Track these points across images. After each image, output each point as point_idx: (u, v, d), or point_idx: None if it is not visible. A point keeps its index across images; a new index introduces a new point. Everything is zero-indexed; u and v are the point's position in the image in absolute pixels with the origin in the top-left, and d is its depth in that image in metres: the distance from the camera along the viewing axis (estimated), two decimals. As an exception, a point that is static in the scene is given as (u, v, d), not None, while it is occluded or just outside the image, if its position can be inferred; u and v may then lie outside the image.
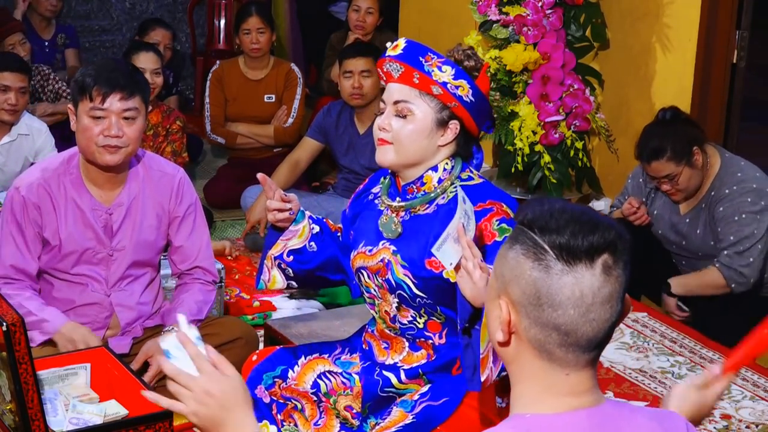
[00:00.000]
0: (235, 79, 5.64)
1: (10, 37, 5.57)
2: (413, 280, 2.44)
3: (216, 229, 5.25)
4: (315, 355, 2.66)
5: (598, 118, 4.64)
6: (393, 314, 2.52)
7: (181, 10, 7.72)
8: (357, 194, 2.69)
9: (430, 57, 2.41)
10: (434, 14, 5.73)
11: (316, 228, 2.68)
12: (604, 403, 1.51)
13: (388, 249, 2.49)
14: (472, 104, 2.43)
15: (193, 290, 3.28)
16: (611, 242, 1.45)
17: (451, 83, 2.40)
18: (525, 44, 4.43)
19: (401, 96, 2.43)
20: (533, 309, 1.45)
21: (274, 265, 2.69)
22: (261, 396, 2.60)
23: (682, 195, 3.97)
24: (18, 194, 3.09)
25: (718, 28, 4.41)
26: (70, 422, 2.66)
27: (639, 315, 4.09)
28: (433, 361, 2.52)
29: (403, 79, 2.43)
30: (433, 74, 2.40)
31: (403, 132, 2.43)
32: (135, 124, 3.04)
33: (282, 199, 2.59)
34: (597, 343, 1.47)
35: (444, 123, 2.44)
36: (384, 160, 2.47)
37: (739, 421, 3.38)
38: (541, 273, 1.44)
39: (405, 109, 2.43)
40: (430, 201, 2.47)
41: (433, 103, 2.42)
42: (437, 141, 2.45)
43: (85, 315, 3.20)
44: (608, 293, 1.45)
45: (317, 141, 5.10)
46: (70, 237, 3.11)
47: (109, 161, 3.04)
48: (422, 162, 2.47)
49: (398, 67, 2.43)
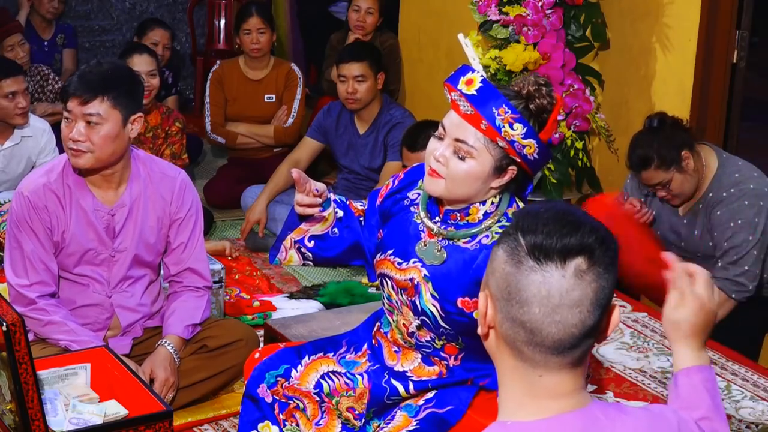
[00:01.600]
0: (236, 79, 5.64)
1: (9, 38, 5.57)
2: (441, 312, 2.39)
3: (216, 229, 5.25)
4: (319, 354, 2.64)
5: (598, 118, 4.63)
6: (412, 331, 2.49)
7: (181, 10, 7.71)
8: (391, 191, 2.58)
9: (504, 111, 2.27)
10: (434, 14, 5.73)
11: (339, 213, 2.60)
12: (589, 405, 1.49)
13: (419, 270, 2.43)
14: (536, 161, 2.34)
15: (183, 297, 3.29)
16: (588, 246, 1.43)
17: (519, 143, 2.29)
18: (525, 44, 4.43)
19: (464, 136, 2.31)
20: (505, 303, 1.45)
21: (293, 247, 2.62)
22: (263, 395, 2.59)
23: (679, 200, 3.96)
24: (24, 199, 3.08)
25: (718, 28, 4.40)
26: (70, 422, 2.66)
27: (639, 315, 4.09)
28: (445, 379, 2.51)
29: (471, 120, 2.30)
30: (503, 131, 2.28)
31: (459, 173, 2.32)
32: (99, 129, 3.00)
33: (314, 195, 2.51)
34: (567, 347, 1.44)
35: (502, 170, 2.35)
36: (433, 190, 2.38)
37: (739, 421, 3.38)
38: (512, 268, 1.44)
39: (466, 152, 2.31)
40: (473, 236, 2.40)
41: (495, 152, 2.31)
42: (491, 184, 2.37)
43: (86, 316, 3.21)
44: (577, 297, 1.42)
45: (317, 141, 5.11)
46: (74, 238, 3.11)
47: (75, 164, 3.05)
48: (472, 199, 2.39)
49: (468, 108, 2.29)
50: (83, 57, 6.97)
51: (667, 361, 3.77)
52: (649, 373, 3.68)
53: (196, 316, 3.27)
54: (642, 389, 3.56)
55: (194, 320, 3.27)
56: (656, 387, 3.58)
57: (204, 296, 3.32)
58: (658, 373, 3.68)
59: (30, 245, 3.07)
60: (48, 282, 3.11)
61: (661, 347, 3.86)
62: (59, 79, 5.77)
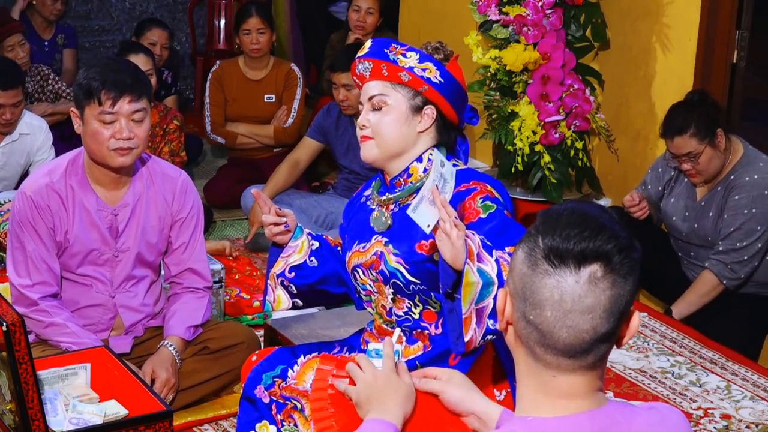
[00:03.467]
0: (235, 79, 5.64)
1: (9, 38, 5.56)
2: (405, 266, 2.48)
3: (216, 229, 5.25)
4: (314, 354, 2.66)
5: (598, 118, 4.63)
6: (389, 307, 2.55)
7: (181, 10, 7.71)
8: (350, 201, 2.74)
9: (393, 47, 2.49)
10: (434, 14, 5.73)
11: (315, 243, 2.73)
12: (606, 405, 1.49)
13: (380, 242, 2.54)
14: (443, 85, 2.48)
15: (184, 299, 3.29)
16: (605, 253, 1.41)
17: (417, 67, 2.47)
18: (525, 44, 4.43)
19: (374, 91, 2.51)
20: (521, 303, 1.46)
21: (277, 284, 2.73)
22: (260, 396, 2.60)
23: (701, 177, 3.97)
24: (27, 199, 3.07)
25: (718, 28, 4.40)
26: (70, 422, 2.66)
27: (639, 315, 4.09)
28: (429, 352, 2.54)
29: (374, 75, 2.51)
30: (398, 61, 2.47)
31: (381, 124, 2.50)
32: (144, 124, 3.04)
33: (277, 213, 2.65)
34: (578, 351, 1.43)
35: (419, 109, 2.51)
36: (368, 155, 2.54)
37: (739, 421, 3.38)
38: (528, 269, 1.44)
39: (379, 101, 2.50)
40: (416, 191, 2.49)
41: (405, 90, 2.49)
42: (416, 128, 2.51)
43: (90, 316, 3.20)
44: (590, 304, 1.41)
45: (317, 141, 5.11)
46: (77, 238, 3.11)
47: (122, 163, 3.04)
48: (404, 152, 2.52)
49: (367, 64, 2.51)
50: (83, 57, 6.97)
51: (667, 361, 3.77)
52: (649, 373, 3.68)
53: (197, 317, 3.28)
54: (642, 389, 3.56)
55: (195, 321, 3.28)
56: (656, 387, 3.58)
57: (204, 297, 3.32)
58: (658, 373, 3.68)
59: (32, 245, 3.07)
60: (50, 282, 3.10)
61: (661, 347, 3.86)
62: (59, 79, 5.76)
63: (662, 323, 4.03)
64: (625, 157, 4.72)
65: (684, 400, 3.50)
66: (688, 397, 3.53)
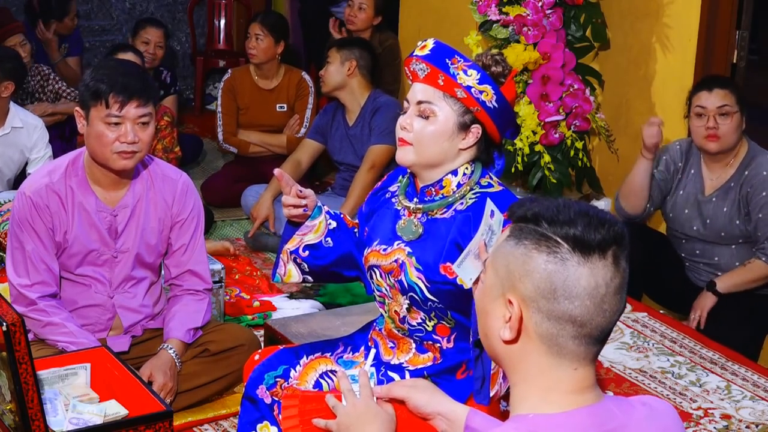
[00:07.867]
0: (247, 88, 5.65)
1: (10, 39, 5.56)
2: (426, 283, 2.43)
3: (216, 229, 5.25)
4: (317, 354, 2.65)
5: (598, 118, 4.63)
6: (402, 315, 2.52)
7: (181, 10, 7.72)
8: (374, 191, 2.68)
9: (456, 60, 2.39)
10: (434, 14, 5.73)
11: (332, 223, 2.68)
12: (604, 400, 1.52)
13: (402, 250, 2.49)
14: (495, 110, 2.41)
15: (184, 301, 3.28)
16: (619, 235, 1.49)
17: (475, 88, 2.38)
18: (525, 44, 4.43)
19: (425, 97, 2.42)
20: (546, 303, 1.46)
21: (289, 260, 2.69)
22: (262, 396, 2.59)
23: (719, 143, 3.95)
24: (27, 199, 3.07)
25: (718, 28, 4.41)
26: (70, 422, 2.66)
27: (639, 315, 4.09)
28: (439, 365, 2.52)
29: (428, 80, 2.41)
30: (458, 77, 2.38)
31: (424, 133, 2.42)
32: (149, 128, 3.05)
33: (298, 195, 2.60)
34: (606, 335, 1.50)
35: (466, 127, 2.43)
36: (404, 159, 2.47)
37: (739, 421, 3.38)
38: (557, 266, 1.46)
39: (427, 110, 2.42)
40: (448, 205, 2.46)
41: (456, 106, 2.41)
42: (458, 144, 2.44)
43: (88, 316, 3.20)
44: (619, 284, 1.48)
45: (317, 142, 5.16)
46: (77, 238, 3.11)
47: (124, 166, 3.04)
48: (442, 164, 2.46)
49: (424, 67, 2.41)
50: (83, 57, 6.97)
51: (667, 361, 3.77)
52: (649, 373, 3.68)
53: (197, 319, 3.27)
54: (642, 389, 3.56)
55: (195, 324, 3.27)
56: (656, 387, 3.58)
57: (204, 299, 3.32)
58: (658, 373, 3.68)
59: (31, 245, 3.07)
60: (49, 282, 3.11)
61: (661, 347, 3.86)
62: (59, 79, 5.76)
63: (662, 323, 4.03)
64: (625, 157, 4.72)
65: (684, 400, 3.50)
66: (688, 397, 3.53)
